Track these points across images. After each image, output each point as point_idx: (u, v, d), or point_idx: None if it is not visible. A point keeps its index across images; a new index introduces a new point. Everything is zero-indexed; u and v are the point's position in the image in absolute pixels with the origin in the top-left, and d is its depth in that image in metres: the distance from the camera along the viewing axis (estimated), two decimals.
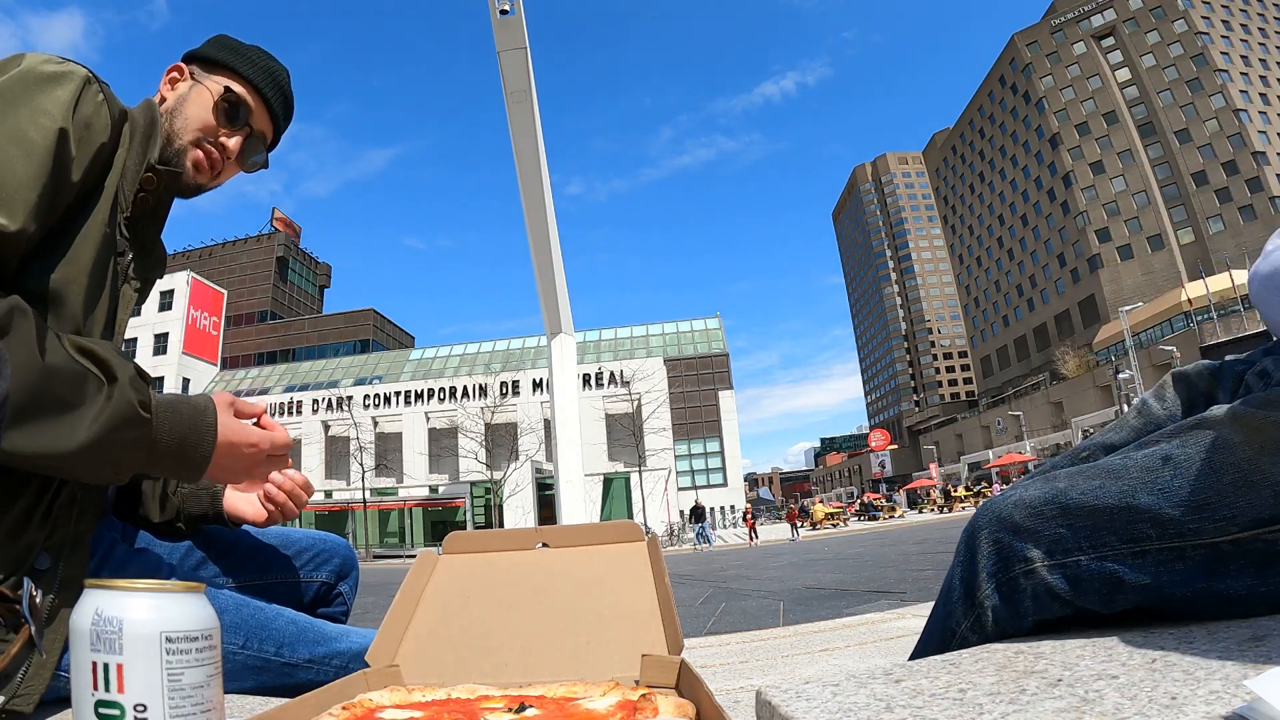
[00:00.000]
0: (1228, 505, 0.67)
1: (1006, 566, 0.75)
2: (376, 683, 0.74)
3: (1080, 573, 0.71)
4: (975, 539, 0.79)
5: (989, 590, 0.77)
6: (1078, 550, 0.71)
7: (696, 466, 51.22)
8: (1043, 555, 0.73)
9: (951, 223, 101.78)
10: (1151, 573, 0.69)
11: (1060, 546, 0.72)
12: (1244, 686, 0.49)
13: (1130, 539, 0.70)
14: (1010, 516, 0.76)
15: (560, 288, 20.42)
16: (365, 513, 39.02)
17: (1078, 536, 0.72)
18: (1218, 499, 0.68)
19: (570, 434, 21.06)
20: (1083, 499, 0.73)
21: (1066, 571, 0.72)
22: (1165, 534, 0.69)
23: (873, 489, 52.16)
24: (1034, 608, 0.75)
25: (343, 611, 1.21)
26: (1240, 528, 0.67)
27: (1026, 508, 0.76)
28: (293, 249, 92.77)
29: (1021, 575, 0.74)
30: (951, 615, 0.82)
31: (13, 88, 0.79)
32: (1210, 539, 0.68)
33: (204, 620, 0.50)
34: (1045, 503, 0.75)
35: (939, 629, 0.85)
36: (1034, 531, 0.74)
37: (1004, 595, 0.76)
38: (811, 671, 2.18)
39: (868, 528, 23.69)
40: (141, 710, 0.46)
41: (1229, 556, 0.68)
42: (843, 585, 5.25)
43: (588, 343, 50.64)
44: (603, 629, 0.83)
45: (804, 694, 0.61)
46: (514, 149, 18.40)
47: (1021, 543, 0.74)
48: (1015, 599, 0.75)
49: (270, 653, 0.92)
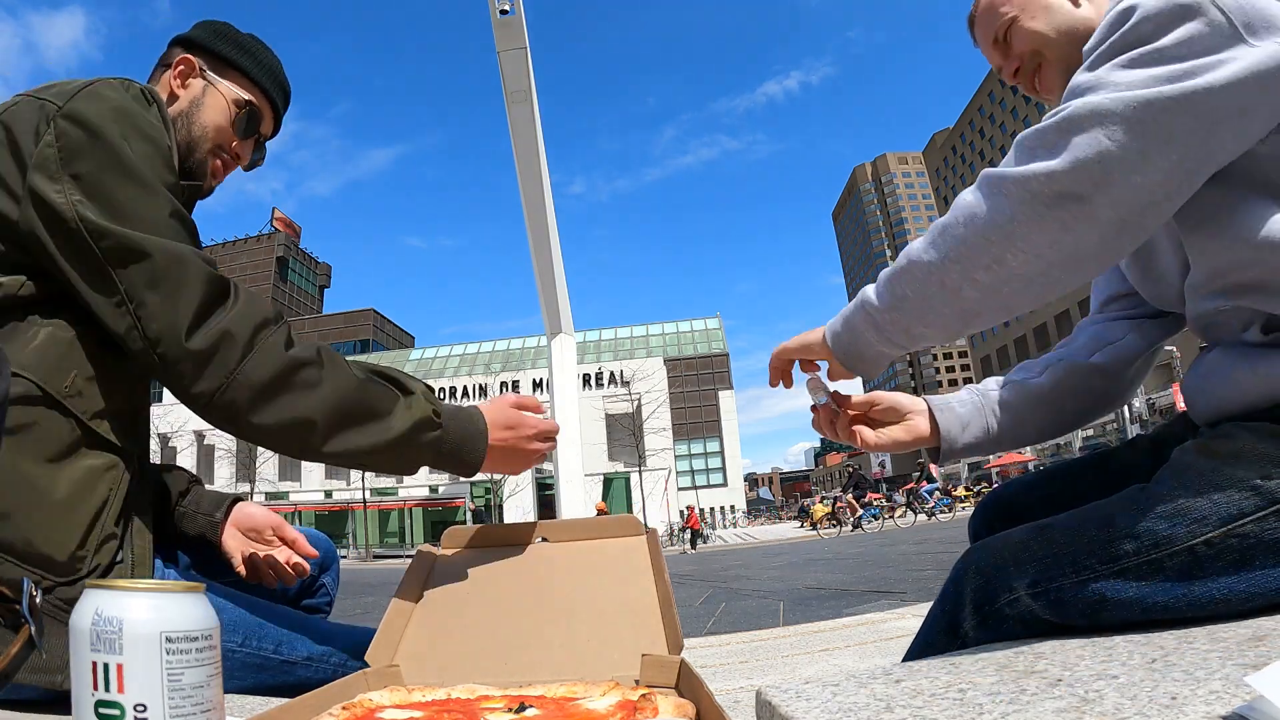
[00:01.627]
0: (1197, 509, 0.70)
1: (992, 599, 0.78)
2: (376, 683, 0.74)
3: (1064, 596, 0.73)
4: (963, 577, 0.82)
5: (972, 625, 0.79)
6: (1060, 575, 0.74)
7: (696, 466, 51.26)
8: (1027, 585, 0.75)
9: None
10: (1134, 589, 0.71)
11: (1045, 574, 0.74)
12: (1245, 683, 0.49)
13: (1109, 559, 0.72)
14: (998, 552, 0.79)
15: (560, 288, 20.44)
16: (365, 513, 39.04)
17: (1060, 563, 0.74)
18: (1187, 504, 0.71)
19: (570, 434, 21.07)
20: (1064, 527, 0.76)
21: (1050, 597, 0.74)
22: (1142, 547, 0.71)
23: (873, 489, 52.12)
24: (1014, 636, 0.76)
25: (326, 601, 1.22)
26: (1212, 527, 0.69)
27: (1013, 544, 0.79)
28: (293, 249, 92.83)
29: (1006, 605, 0.76)
30: (931, 647, 0.84)
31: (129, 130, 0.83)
32: (1185, 544, 0.70)
33: (204, 620, 0.50)
34: (1031, 536, 0.78)
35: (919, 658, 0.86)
36: (1019, 562, 0.76)
37: (989, 628, 0.78)
38: (811, 671, 2.18)
39: (867, 528, 23.73)
40: (141, 710, 0.46)
41: (1205, 560, 0.69)
42: (843, 585, 5.25)
43: (588, 343, 50.66)
44: (603, 628, 0.83)
45: (804, 694, 0.61)
46: (514, 149, 18.42)
47: (1006, 577, 0.77)
48: (999, 630, 0.77)
49: (269, 650, 0.92)
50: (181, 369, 0.77)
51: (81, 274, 0.79)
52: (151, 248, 0.78)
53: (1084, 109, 0.66)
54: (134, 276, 0.78)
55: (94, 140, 0.80)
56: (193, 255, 0.81)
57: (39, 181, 0.78)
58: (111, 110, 0.83)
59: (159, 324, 0.77)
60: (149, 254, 0.78)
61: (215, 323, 0.79)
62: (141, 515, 0.87)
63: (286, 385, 0.80)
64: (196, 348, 0.77)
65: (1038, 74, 0.98)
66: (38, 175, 0.79)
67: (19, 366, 0.77)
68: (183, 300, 0.78)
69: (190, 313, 0.78)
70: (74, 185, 0.79)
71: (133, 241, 0.78)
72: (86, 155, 0.79)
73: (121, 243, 0.78)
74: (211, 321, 0.79)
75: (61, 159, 0.79)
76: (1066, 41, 0.94)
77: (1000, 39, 1.00)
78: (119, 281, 0.78)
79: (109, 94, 0.84)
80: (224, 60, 1.05)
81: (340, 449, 0.83)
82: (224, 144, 1.04)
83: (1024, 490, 1.08)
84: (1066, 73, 0.94)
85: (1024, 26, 0.96)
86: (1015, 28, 0.97)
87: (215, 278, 0.81)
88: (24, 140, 0.80)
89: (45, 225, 0.78)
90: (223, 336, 0.78)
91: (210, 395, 0.78)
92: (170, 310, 0.77)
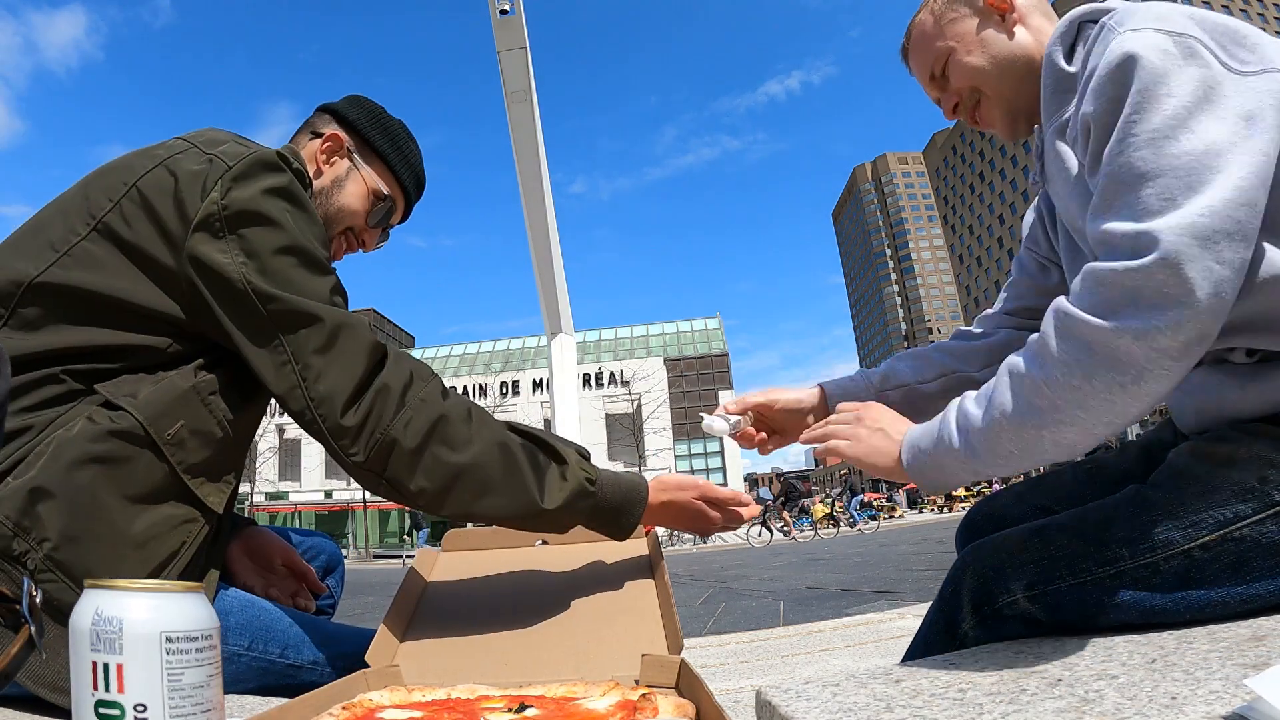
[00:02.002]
0: (1193, 511, 0.70)
1: (990, 599, 0.77)
2: (376, 683, 0.74)
3: (1061, 600, 0.73)
4: (961, 577, 0.81)
5: (970, 626, 0.78)
6: (1058, 578, 0.73)
7: (696, 466, 51.25)
8: (1024, 587, 0.74)
9: (951, 223, 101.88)
10: (1130, 593, 0.71)
11: (1042, 575, 0.74)
12: (1244, 685, 0.49)
13: (1106, 562, 0.72)
14: (994, 553, 0.79)
15: (560, 288, 20.44)
16: (365, 512, 39.02)
17: (1057, 565, 0.74)
18: (1183, 508, 0.71)
19: (570, 434, 21.07)
20: (1061, 529, 0.76)
21: (1048, 600, 0.74)
22: (1138, 551, 0.71)
23: (872, 489, 52.10)
24: (1013, 636, 0.76)
25: (330, 604, 1.22)
26: (1208, 531, 0.69)
27: (1010, 545, 0.78)
28: None
29: (1005, 607, 0.76)
30: (929, 649, 0.83)
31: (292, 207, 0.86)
32: (1182, 548, 0.70)
33: (204, 620, 0.50)
34: (1028, 537, 0.77)
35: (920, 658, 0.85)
36: (1016, 565, 0.76)
37: (987, 629, 0.77)
38: (811, 671, 2.18)
39: (867, 527, 23.73)
40: (141, 710, 0.46)
41: (1202, 564, 0.69)
42: (843, 585, 5.25)
43: (588, 343, 50.67)
44: (602, 628, 0.83)
45: (804, 694, 0.61)
46: (514, 149, 18.42)
47: (1004, 579, 0.76)
48: (998, 631, 0.77)
49: (275, 654, 0.92)
50: (339, 435, 0.80)
51: (246, 332, 0.80)
52: (324, 314, 0.80)
53: None
54: (303, 341, 0.80)
55: (262, 212, 0.82)
56: (362, 325, 0.83)
57: (204, 240, 0.80)
58: (278, 187, 0.85)
59: (325, 387, 0.79)
60: (320, 319, 0.80)
61: (372, 390, 0.81)
62: (208, 573, 0.86)
63: (435, 440, 0.81)
64: (353, 422, 0.79)
65: (976, 109, 0.96)
66: (203, 234, 0.80)
67: (133, 404, 0.78)
68: (348, 368, 0.80)
69: (354, 382, 0.80)
70: (239, 247, 0.80)
71: (303, 306, 0.80)
72: (254, 222, 0.81)
73: (290, 307, 0.80)
74: (369, 390, 0.81)
75: (228, 219, 0.80)
76: (1006, 75, 0.92)
77: (936, 74, 0.97)
78: (286, 344, 0.80)
79: (276, 166, 0.86)
80: (372, 147, 1.07)
81: (491, 513, 0.84)
82: (355, 228, 1.07)
83: (1015, 501, 1.06)
84: (1006, 106, 0.94)
85: (962, 61, 0.94)
86: (952, 62, 0.95)
87: (377, 346, 0.83)
88: (188, 194, 0.81)
89: (207, 282, 0.80)
90: (377, 396, 0.80)
91: (364, 460, 0.80)
92: (336, 376, 0.80)
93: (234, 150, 0.86)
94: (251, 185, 0.82)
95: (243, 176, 0.83)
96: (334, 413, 0.79)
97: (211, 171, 0.82)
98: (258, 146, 0.89)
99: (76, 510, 0.74)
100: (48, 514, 0.73)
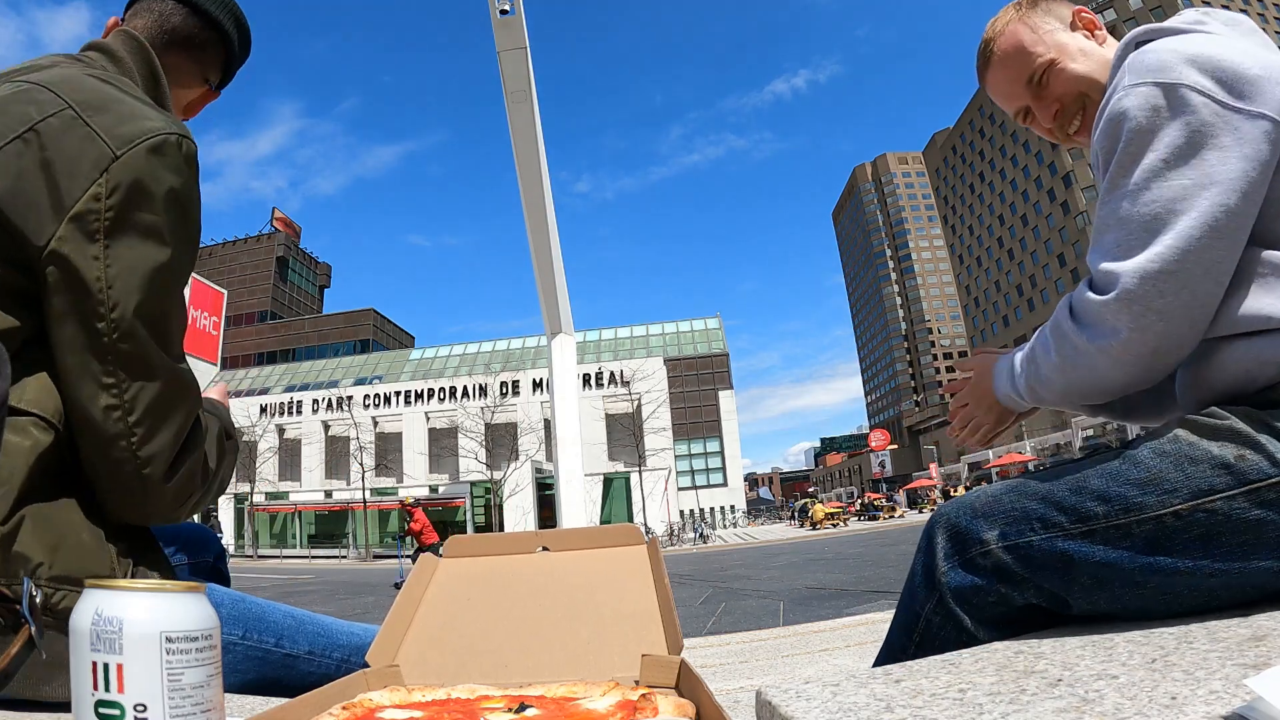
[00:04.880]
0: (1169, 480, 0.72)
1: (964, 548, 0.80)
2: (376, 683, 0.74)
3: (1033, 552, 0.76)
4: (934, 527, 0.84)
5: (946, 569, 0.81)
6: (1030, 531, 0.76)
7: (696, 466, 51.23)
8: (997, 537, 0.77)
9: (951, 223, 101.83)
10: (1100, 551, 0.73)
11: (1014, 528, 0.77)
12: (1244, 686, 0.49)
13: (1079, 518, 0.74)
14: (970, 504, 0.82)
15: (560, 287, 20.43)
16: (365, 513, 39.03)
17: (1030, 518, 0.76)
18: (1160, 475, 0.73)
19: (570, 434, 21.07)
20: (1039, 485, 0.79)
21: (1020, 552, 0.76)
22: (1112, 511, 0.73)
23: (873, 489, 52.13)
24: (991, 586, 0.78)
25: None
26: (1181, 499, 0.71)
27: (986, 496, 0.81)
28: (293, 249, 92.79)
29: (979, 555, 0.79)
30: (914, 599, 0.85)
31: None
32: (1154, 513, 0.71)
33: (204, 620, 0.50)
34: (1005, 490, 0.80)
35: (905, 614, 0.88)
36: (990, 515, 0.79)
37: (963, 574, 0.80)
38: (811, 671, 2.18)
39: (868, 527, 23.70)
40: (141, 710, 0.46)
41: (1174, 531, 0.71)
42: (843, 585, 5.24)
43: (588, 343, 50.65)
44: (602, 629, 0.83)
45: (804, 694, 0.61)
46: (514, 149, 18.41)
47: (978, 526, 0.79)
48: (974, 576, 0.79)
49: (270, 644, 0.93)
50: (154, 493, 0.80)
51: (76, 343, 0.75)
52: (162, 374, 0.79)
53: None
54: (143, 392, 0.78)
55: (145, 221, 0.77)
56: (192, 381, 0.84)
57: (74, 237, 0.74)
58: (167, 194, 0.79)
59: (153, 447, 0.79)
60: (157, 378, 0.79)
61: (191, 460, 0.84)
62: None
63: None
64: (176, 487, 0.82)
65: (1080, 115, 1.00)
66: (74, 227, 0.74)
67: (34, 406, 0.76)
68: (174, 431, 0.81)
69: (177, 444, 0.82)
70: (110, 256, 0.75)
71: (152, 360, 0.78)
72: (135, 234, 0.76)
73: (142, 354, 0.77)
74: (188, 458, 0.83)
75: (109, 225, 0.75)
76: (1105, 81, 0.95)
77: (1035, 80, 1.00)
78: (123, 388, 0.76)
79: (169, 162, 0.80)
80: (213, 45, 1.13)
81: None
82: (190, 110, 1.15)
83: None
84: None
85: (1068, 69, 0.98)
86: (1056, 71, 0.99)
87: (197, 401, 0.85)
88: (64, 177, 0.75)
89: (62, 282, 0.74)
90: (190, 474, 0.84)
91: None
92: (163, 438, 0.80)
93: (121, 116, 0.79)
94: (140, 184, 0.79)
95: (132, 169, 0.79)
96: (158, 472, 0.80)
97: (98, 154, 0.76)
98: (146, 111, 0.83)
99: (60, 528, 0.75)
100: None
